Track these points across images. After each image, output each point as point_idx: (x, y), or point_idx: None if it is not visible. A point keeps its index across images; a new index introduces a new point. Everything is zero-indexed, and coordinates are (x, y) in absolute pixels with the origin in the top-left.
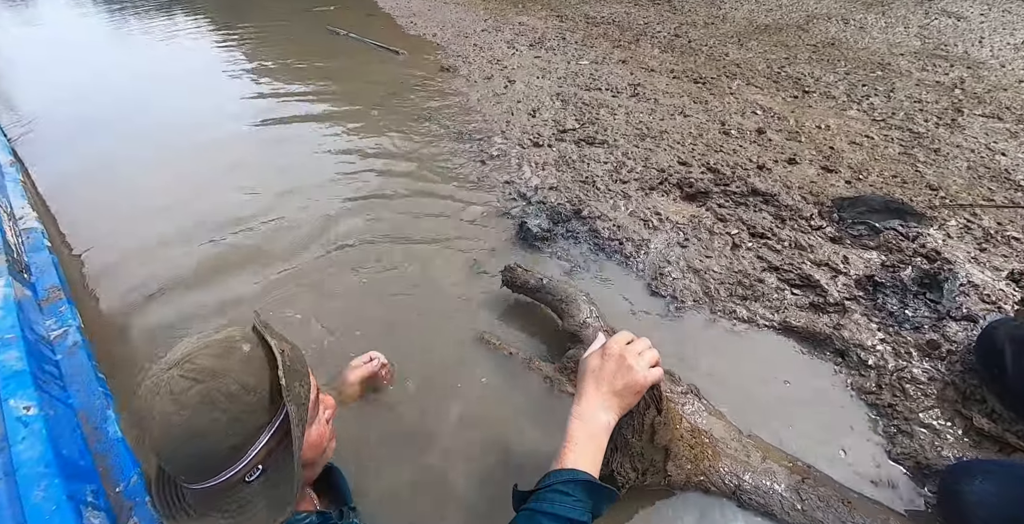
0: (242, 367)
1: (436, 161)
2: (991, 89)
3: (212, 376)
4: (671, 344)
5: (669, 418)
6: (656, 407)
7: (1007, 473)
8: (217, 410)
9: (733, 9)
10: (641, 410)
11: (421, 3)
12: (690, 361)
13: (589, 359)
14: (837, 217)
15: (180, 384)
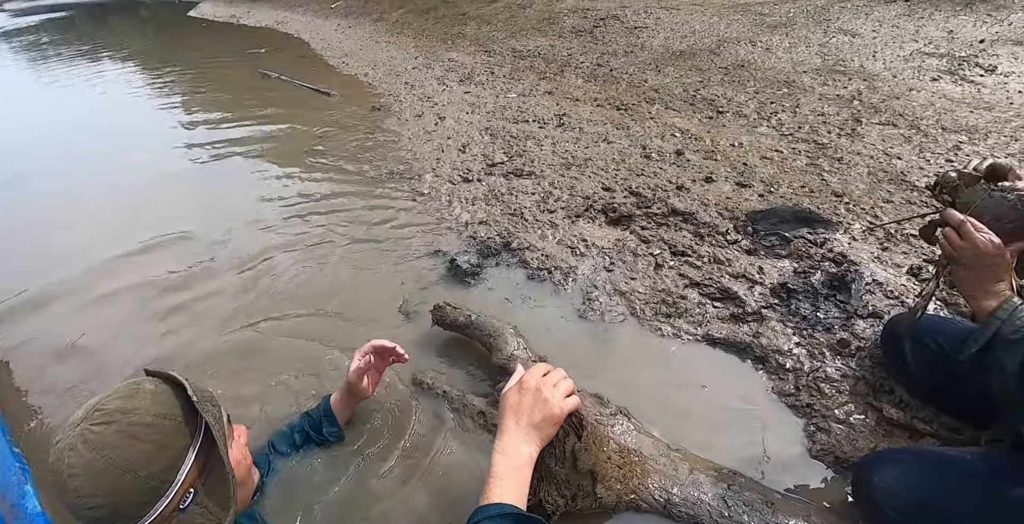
0: (151, 400)
1: (367, 202)
2: (885, 98)
3: (124, 414)
4: (601, 367)
5: (592, 443)
6: (576, 434)
7: (914, 460)
8: (139, 441)
9: (650, 38)
10: (561, 438)
11: (353, 43)
12: (620, 382)
13: (508, 394)
14: (751, 230)
15: (93, 432)
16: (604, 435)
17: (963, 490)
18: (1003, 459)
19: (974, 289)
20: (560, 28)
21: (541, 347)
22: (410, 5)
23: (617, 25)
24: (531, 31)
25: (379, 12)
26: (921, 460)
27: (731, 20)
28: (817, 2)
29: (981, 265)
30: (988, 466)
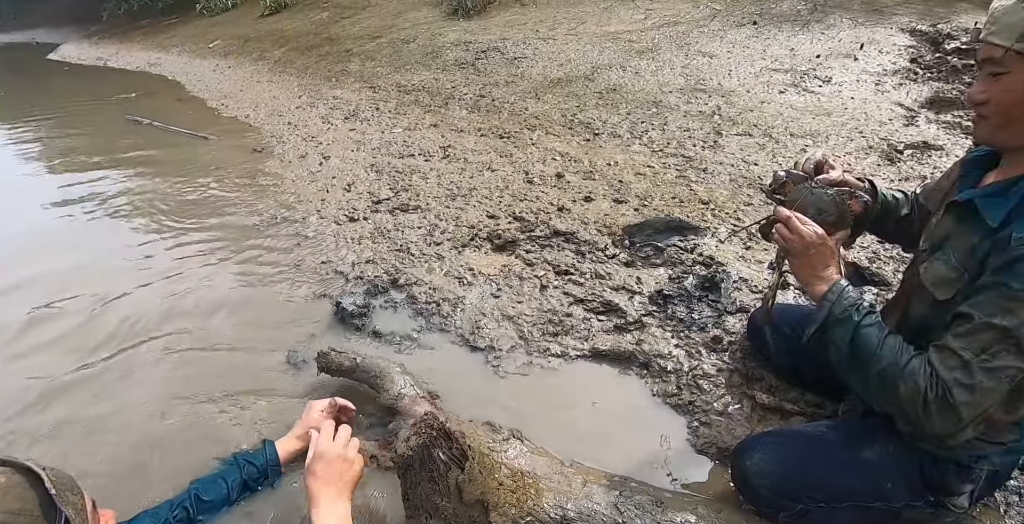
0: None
1: (247, 253)
2: (741, 111)
3: None
4: (493, 394)
5: (479, 472)
6: (458, 466)
7: (777, 441)
8: None
9: (530, 67)
10: (443, 473)
11: (233, 84)
12: (513, 406)
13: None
14: (628, 243)
15: None
16: (494, 462)
17: (823, 459)
18: (855, 425)
19: (807, 276)
20: (443, 61)
21: (432, 381)
22: (292, 43)
23: (498, 56)
24: (415, 65)
25: (260, 51)
26: (784, 439)
27: (603, 48)
28: (678, 28)
29: (809, 254)
30: (842, 434)
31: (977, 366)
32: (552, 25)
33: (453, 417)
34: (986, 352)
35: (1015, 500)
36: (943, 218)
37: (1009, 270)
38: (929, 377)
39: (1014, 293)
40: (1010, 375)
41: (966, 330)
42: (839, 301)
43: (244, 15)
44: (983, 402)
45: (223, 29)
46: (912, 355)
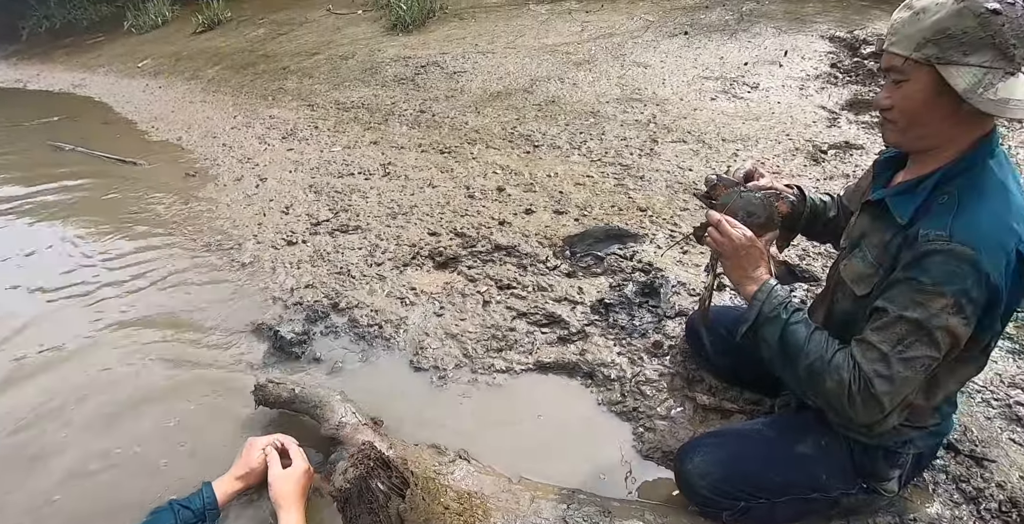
0: None
1: (180, 282)
2: (676, 119)
3: None
4: (439, 415)
5: (421, 499)
6: (399, 494)
7: (715, 442)
8: None
9: (469, 81)
10: (383, 503)
11: (164, 105)
12: (459, 426)
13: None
14: (569, 254)
15: None
16: (439, 486)
17: (761, 456)
18: (790, 421)
19: (738, 277)
20: (383, 77)
21: (375, 406)
22: (227, 61)
23: (437, 71)
24: (354, 82)
25: (193, 70)
26: (722, 439)
27: (541, 60)
28: (614, 40)
29: (740, 255)
30: (777, 431)
31: (894, 357)
32: (491, 39)
33: (397, 442)
34: (901, 344)
35: (942, 478)
36: (860, 217)
37: (918, 265)
38: (852, 370)
39: (923, 287)
40: (925, 364)
41: (882, 324)
42: (768, 300)
43: (176, 32)
44: (903, 390)
45: (153, 47)
46: (836, 350)
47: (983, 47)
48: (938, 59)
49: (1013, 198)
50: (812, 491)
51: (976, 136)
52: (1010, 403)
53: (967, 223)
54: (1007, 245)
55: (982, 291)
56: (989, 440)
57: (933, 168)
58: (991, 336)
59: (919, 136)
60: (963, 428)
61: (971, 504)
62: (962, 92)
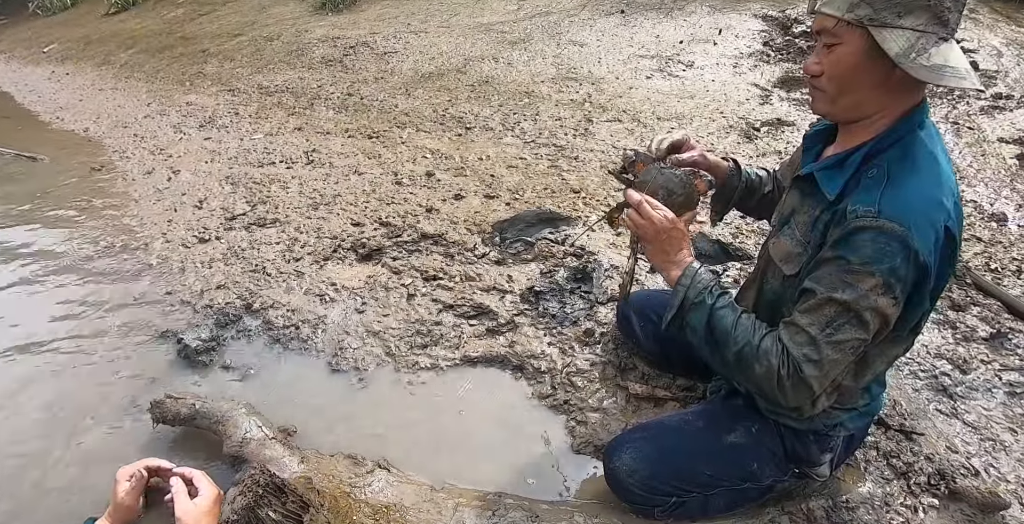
0: None
1: (78, 287)
2: (611, 98)
3: None
4: (358, 421)
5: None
6: (296, 521)
7: (642, 436)
8: None
9: (400, 62)
10: None
11: (71, 94)
12: (380, 431)
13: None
14: (498, 240)
15: None
16: (351, 503)
17: (689, 449)
18: (718, 410)
19: (661, 261)
20: (309, 59)
21: (289, 415)
22: (142, 44)
23: (367, 52)
24: (279, 64)
25: (104, 54)
26: (649, 434)
27: (476, 39)
28: (550, 18)
29: (661, 239)
30: (706, 421)
31: (823, 341)
32: (424, 18)
33: (311, 454)
34: (830, 326)
35: (873, 455)
36: (790, 193)
37: (846, 243)
38: (780, 354)
39: (852, 266)
40: (854, 346)
41: (810, 305)
42: (693, 285)
43: (86, 14)
44: (832, 373)
45: (61, 30)
46: (764, 334)
47: (918, 9)
48: (871, 20)
49: (943, 171)
50: (744, 481)
51: (907, 106)
52: (936, 374)
53: (896, 198)
54: (936, 221)
55: (911, 269)
56: (918, 412)
57: (863, 140)
58: (921, 314)
59: (849, 105)
60: (892, 402)
61: (902, 479)
62: (895, 56)
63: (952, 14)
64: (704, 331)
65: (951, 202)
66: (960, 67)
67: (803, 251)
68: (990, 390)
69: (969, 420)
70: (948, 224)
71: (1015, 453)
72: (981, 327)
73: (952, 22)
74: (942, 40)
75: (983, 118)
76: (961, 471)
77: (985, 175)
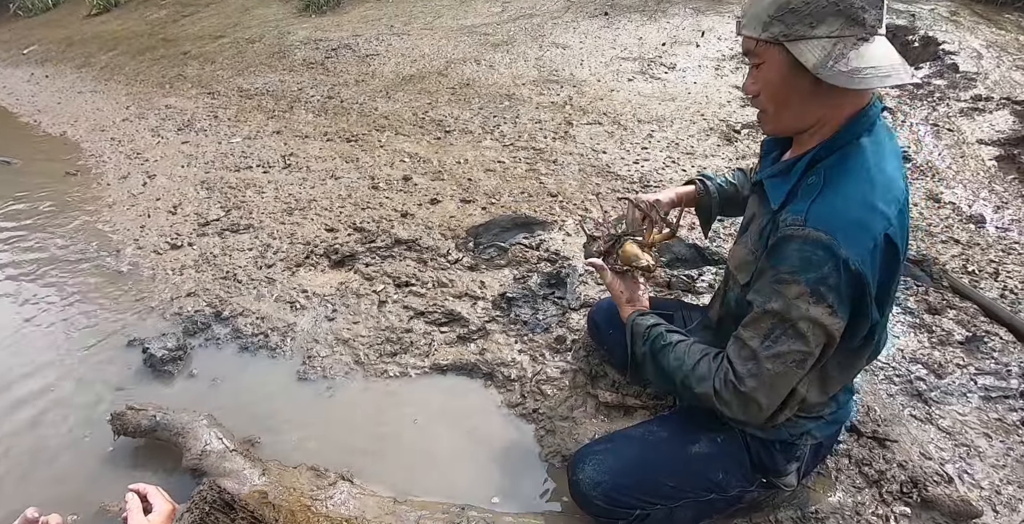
0: None
1: (48, 295)
2: (592, 101)
3: None
4: (324, 431)
5: None
6: None
7: (605, 449)
8: None
9: (382, 64)
10: None
11: (50, 96)
12: (346, 442)
13: None
14: (472, 245)
15: None
16: (310, 517)
17: (653, 461)
18: (683, 420)
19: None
20: (291, 61)
21: (254, 425)
22: (123, 46)
23: (349, 54)
24: (260, 67)
25: (85, 56)
26: (612, 445)
27: (458, 42)
28: (534, 20)
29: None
30: (670, 429)
31: (763, 354)
32: (408, 20)
33: (273, 466)
34: (768, 338)
35: (845, 463)
36: (751, 199)
37: (776, 253)
38: (717, 374)
39: (780, 276)
40: (795, 359)
41: (750, 318)
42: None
43: (68, 15)
44: (779, 387)
45: (43, 32)
46: (699, 358)
47: (829, 16)
48: (785, 36)
49: (882, 178)
50: (709, 492)
51: (850, 112)
52: (911, 379)
53: (826, 206)
54: (872, 228)
55: (842, 278)
56: (891, 418)
57: (808, 148)
58: (871, 325)
59: (790, 119)
60: (866, 408)
61: (873, 487)
62: (812, 68)
63: (869, 11)
64: (653, 367)
65: (893, 209)
66: (884, 65)
67: (754, 260)
68: (965, 395)
69: (944, 425)
70: (888, 231)
71: (989, 459)
72: (957, 331)
73: (870, 19)
74: (862, 41)
75: (963, 120)
76: (934, 478)
77: (964, 177)
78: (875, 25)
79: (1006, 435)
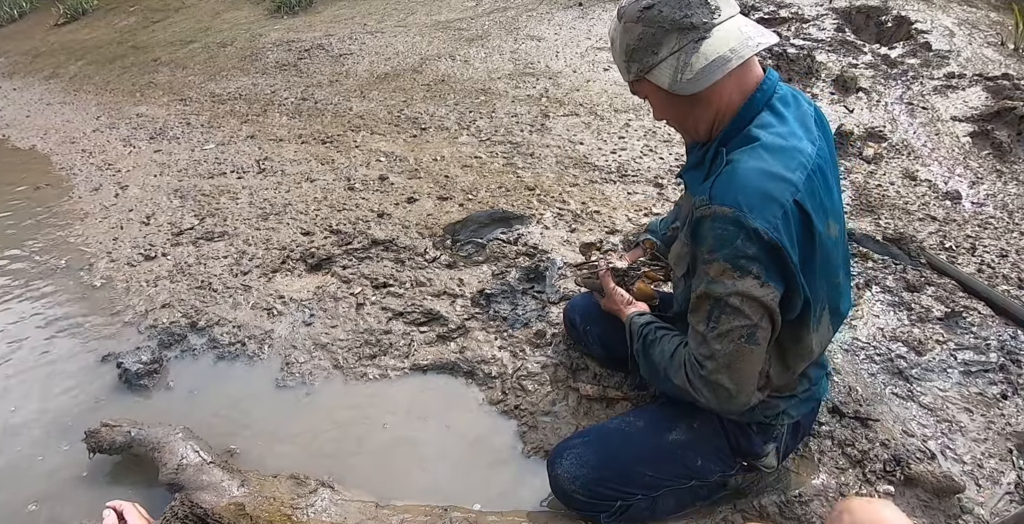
0: None
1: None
2: (568, 92)
3: None
4: (302, 437)
5: None
6: None
7: (582, 443)
8: None
9: (355, 64)
10: None
11: (18, 109)
12: (325, 449)
13: None
14: (450, 243)
15: None
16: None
17: (630, 451)
18: (659, 408)
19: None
20: (263, 64)
21: (233, 435)
22: (91, 55)
23: (322, 55)
24: (232, 71)
25: (53, 67)
26: (589, 438)
27: (432, 38)
28: (508, 14)
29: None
30: (646, 419)
31: (710, 335)
32: (381, 17)
33: (252, 475)
34: (711, 320)
35: (828, 445)
36: (684, 195)
37: (694, 236)
38: (685, 362)
39: (703, 256)
40: (743, 334)
41: (692, 304)
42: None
43: (35, 25)
44: (739, 365)
45: (9, 43)
46: (675, 348)
47: (662, 37)
48: (641, 70)
49: (783, 145)
50: (689, 480)
51: (741, 97)
52: (892, 357)
53: (725, 182)
54: (778, 196)
55: (757, 248)
56: (873, 397)
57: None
58: (809, 293)
59: (695, 128)
60: (848, 388)
61: (857, 468)
62: (668, 88)
63: (695, 13)
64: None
65: (800, 175)
66: (723, 52)
67: (688, 252)
68: (945, 370)
69: (925, 402)
70: (797, 197)
71: (971, 433)
72: (936, 307)
73: (698, 20)
74: (701, 40)
75: (936, 97)
76: (917, 455)
77: (939, 154)
78: (707, 21)
79: (986, 409)
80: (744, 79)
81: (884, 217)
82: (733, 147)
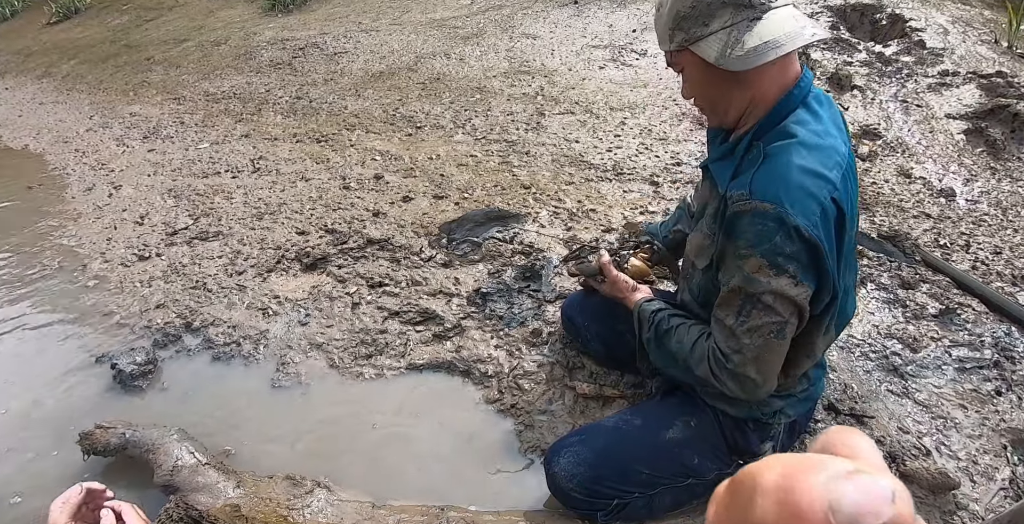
0: None
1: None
2: (564, 90)
3: None
4: (298, 438)
5: None
6: None
7: (579, 440)
8: None
9: (350, 62)
10: None
11: (10, 109)
12: (320, 449)
13: None
14: (446, 242)
15: None
16: None
17: (627, 449)
18: (656, 406)
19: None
20: (258, 63)
21: (228, 436)
22: (84, 54)
23: (317, 53)
24: (226, 69)
25: (45, 66)
26: (586, 436)
27: (428, 36)
28: (503, 11)
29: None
30: (643, 417)
31: (739, 330)
32: (376, 16)
33: (247, 477)
34: (741, 314)
35: None
36: (703, 185)
37: (731, 230)
38: (710, 354)
39: (739, 251)
40: (772, 330)
41: (722, 298)
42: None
43: (27, 24)
44: (767, 358)
45: (1, 43)
46: (695, 340)
47: (717, 10)
48: (687, 41)
49: (821, 144)
50: (686, 478)
51: (779, 88)
52: (887, 354)
53: (766, 177)
54: (818, 193)
55: (796, 246)
56: (869, 395)
57: (747, 128)
58: (831, 295)
59: (726, 111)
60: (843, 386)
61: None
62: (714, 61)
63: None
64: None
65: (837, 174)
66: (778, 36)
67: (711, 243)
68: (940, 367)
69: (920, 399)
70: (835, 196)
71: (966, 429)
72: (931, 304)
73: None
74: (755, 20)
75: (931, 95)
76: (912, 452)
77: (934, 152)
78: (764, 3)
79: (981, 405)
80: (785, 71)
81: (879, 214)
82: (768, 141)
